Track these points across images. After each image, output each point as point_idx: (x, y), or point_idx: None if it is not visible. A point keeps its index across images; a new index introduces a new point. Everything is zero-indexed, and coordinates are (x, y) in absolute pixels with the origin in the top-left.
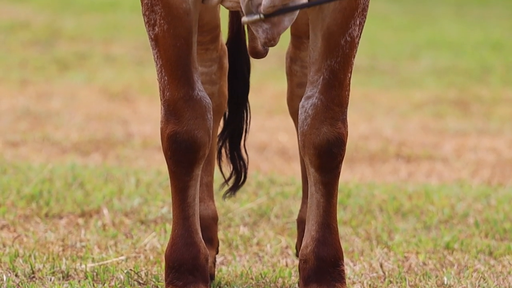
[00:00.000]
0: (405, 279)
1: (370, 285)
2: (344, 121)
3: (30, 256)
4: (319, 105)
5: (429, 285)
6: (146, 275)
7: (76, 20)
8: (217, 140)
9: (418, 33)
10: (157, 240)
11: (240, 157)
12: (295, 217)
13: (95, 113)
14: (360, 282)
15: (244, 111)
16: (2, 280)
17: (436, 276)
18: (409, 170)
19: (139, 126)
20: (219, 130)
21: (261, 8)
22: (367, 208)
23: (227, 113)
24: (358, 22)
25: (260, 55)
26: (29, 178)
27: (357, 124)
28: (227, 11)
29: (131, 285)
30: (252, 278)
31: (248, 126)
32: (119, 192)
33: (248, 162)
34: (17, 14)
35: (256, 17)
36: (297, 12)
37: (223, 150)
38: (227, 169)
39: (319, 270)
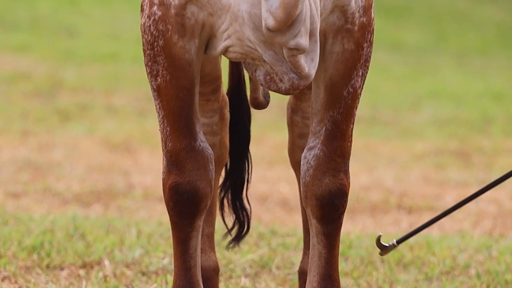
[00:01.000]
0: None
1: None
2: (346, 172)
3: None
4: (321, 156)
5: None
6: None
7: (77, 71)
8: (218, 190)
9: (419, 84)
10: None
11: (243, 207)
12: (297, 268)
13: (96, 164)
14: None
15: (246, 161)
16: None
17: None
18: (411, 221)
19: (140, 177)
20: (221, 180)
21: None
22: (368, 259)
23: (228, 163)
24: (360, 73)
25: (261, 106)
26: (30, 229)
27: (358, 175)
28: (228, 62)
29: None
30: None
31: (250, 176)
32: (120, 243)
33: (251, 212)
34: (18, 65)
35: (391, 246)
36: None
37: (225, 201)
38: (230, 219)
39: None
